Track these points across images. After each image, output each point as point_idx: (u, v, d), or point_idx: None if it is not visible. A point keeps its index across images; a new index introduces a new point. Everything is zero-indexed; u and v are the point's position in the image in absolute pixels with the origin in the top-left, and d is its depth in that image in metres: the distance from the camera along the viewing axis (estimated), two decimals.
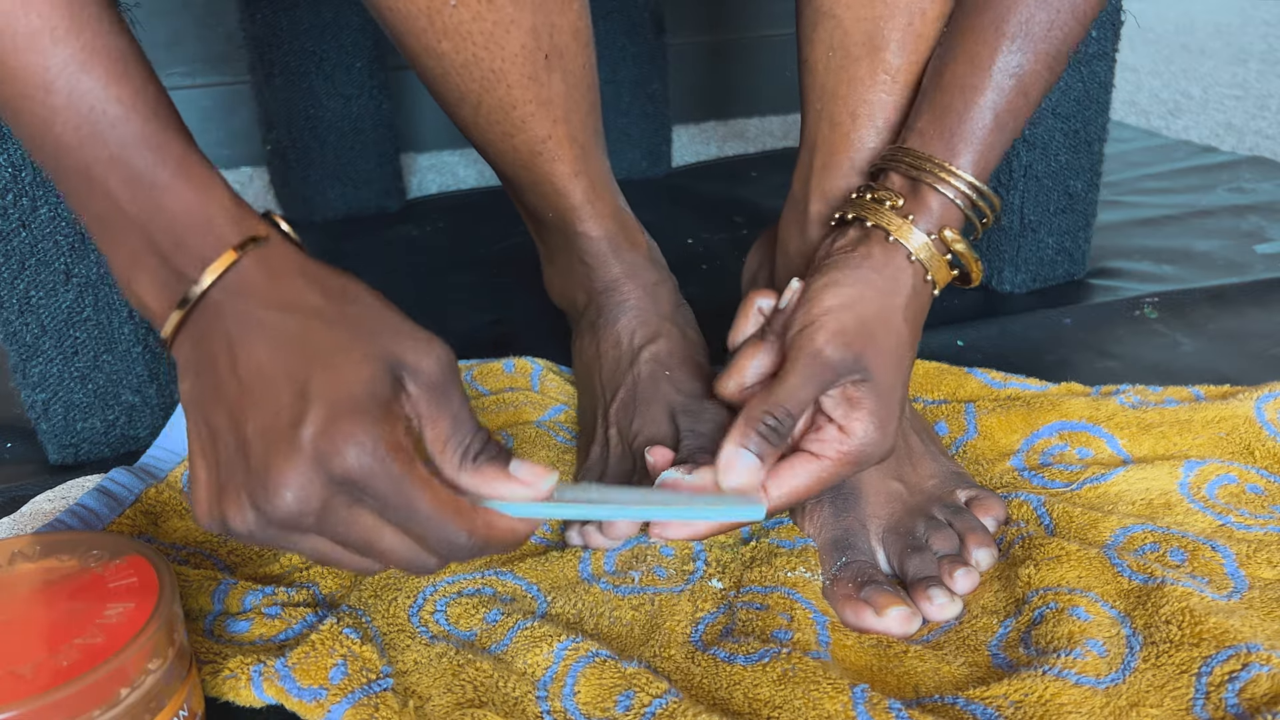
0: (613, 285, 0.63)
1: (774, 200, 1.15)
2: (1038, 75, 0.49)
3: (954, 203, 0.48)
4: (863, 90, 0.54)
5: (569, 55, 0.54)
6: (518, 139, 0.56)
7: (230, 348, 0.37)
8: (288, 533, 0.37)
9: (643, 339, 0.61)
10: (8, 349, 0.64)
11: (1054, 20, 0.48)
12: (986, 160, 0.49)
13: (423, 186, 1.27)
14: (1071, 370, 0.72)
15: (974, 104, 0.48)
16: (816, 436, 0.48)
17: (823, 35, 0.54)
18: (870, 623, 0.48)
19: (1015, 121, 0.49)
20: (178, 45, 1.28)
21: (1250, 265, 0.89)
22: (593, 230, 0.62)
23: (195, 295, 0.37)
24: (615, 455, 0.58)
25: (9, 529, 0.55)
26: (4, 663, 0.35)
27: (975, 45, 0.49)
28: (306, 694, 0.43)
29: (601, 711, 0.43)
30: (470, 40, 0.51)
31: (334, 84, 1.09)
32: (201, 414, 0.38)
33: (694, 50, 1.47)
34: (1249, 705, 0.41)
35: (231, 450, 0.37)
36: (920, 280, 0.49)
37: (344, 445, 0.35)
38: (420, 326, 0.39)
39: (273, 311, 0.37)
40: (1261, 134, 1.33)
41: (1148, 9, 2.22)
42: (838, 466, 0.48)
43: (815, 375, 0.47)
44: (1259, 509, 0.55)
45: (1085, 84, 0.81)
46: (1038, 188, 0.83)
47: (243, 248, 0.38)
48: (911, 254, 0.48)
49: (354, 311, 0.38)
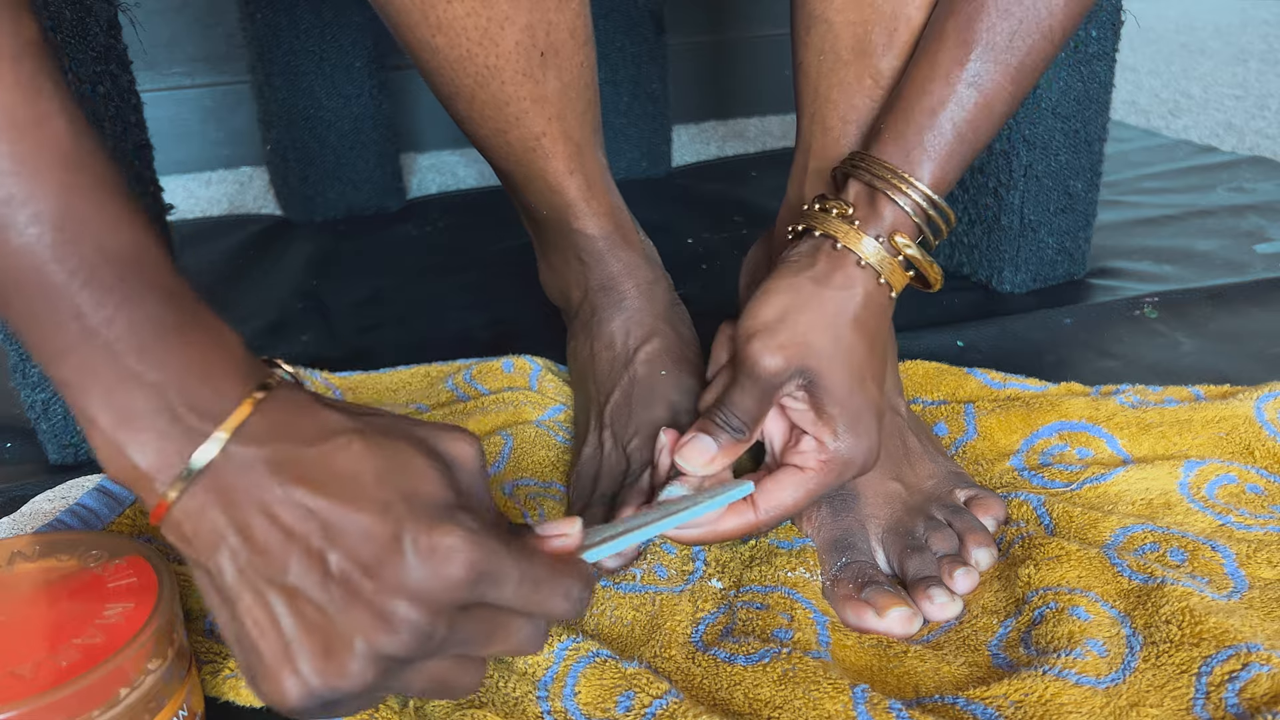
0: (608, 283, 0.63)
1: (774, 200, 1.15)
2: (1000, 88, 0.49)
3: (907, 213, 0.49)
4: (851, 95, 0.55)
5: (565, 53, 0.54)
6: (511, 135, 0.56)
7: (285, 494, 0.32)
8: (409, 665, 0.33)
9: (638, 339, 0.61)
10: (7, 349, 0.64)
11: (1016, 31, 0.48)
12: (944, 171, 0.49)
13: (423, 186, 1.27)
14: (1071, 370, 0.72)
15: (936, 114, 0.49)
16: (797, 449, 0.49)
17: (815, 39, 0.55)
18: (872, 623, 0.49)
19: (977, 134, 0.49)
20: (178, 45, 1.28)
21: (1250, 265, 0.89)
22: (588, 228, 0.62)
23: (214, 451, 0.31)
24: (609, 456, 0.58)
25: (9, 529, 0.55)
26: (4, 663, 0.35)
27: (938, 52, 0.49)
28: None
29: (602, 712, 0.43)
30: (464, 36, 0.52)
31: (334, 84, 1.09)
32: (265, 580, 0.32)
33: (694, 50, 1.47)
34: (1249, 705, 0.41)
35: (318, 600, 0.32)
36: (874, 284, 0.49)
37: (453, 544, 0.32)
38: None
39: (311, 447, 0.33)
40: (1261, 134, 1.33)
41: (1148, 9, 2.22)
42: (822, 476, 0.49)
43: (756, 384, 0.49)
44: (1259, 509, 0.55)
45: (1085, 84, 0.81)
46: (1038, 187, 0.83)
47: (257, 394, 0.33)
48: (861, 259, 0.49)
49: (383, 422, 0.35)
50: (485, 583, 0.33)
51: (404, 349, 0.81)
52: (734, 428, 0.49)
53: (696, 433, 0.49)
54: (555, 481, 0.61)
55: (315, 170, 1.13)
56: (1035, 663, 0.44)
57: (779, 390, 0.49)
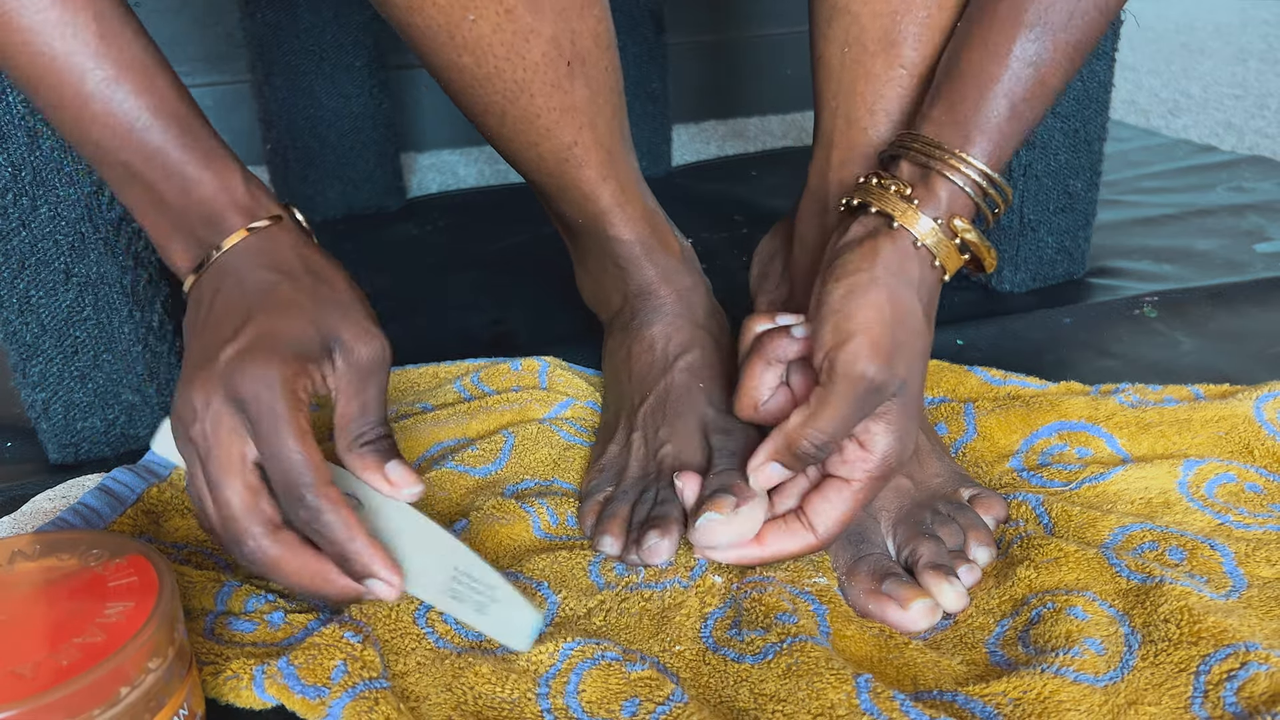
0: (647, 289, 0.63)
1: (774, 199, 1.15)
2: (1057, 64, 0.48)
3: (964, 190, 0.47)
4: (879, 85, 0.54)
5: (591, 61, 0.54)
6: (543, 147, 0.56)
7: (215, 290, 0.45)
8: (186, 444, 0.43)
9: (678, 348, 0.61)
10: (8, 348, 0.64)
11: (1074, 9, 0.47)
12: (1001, 149, 0.48)
13: (423, 186, 1.27)
14: (1071, 369, 0.72)
15: (989, 92, 0.47)
16: (841, 459, 0.48)
17: (838, 31, 0.54)
18: (895, 617, 0.48)
19: (1033, 112, 0.48)
20: (178, 45, 1.28)
21: (1250, 264, 0.89)
22: (624, 234, 0.61)
23: (212, 259, 0.45)
24: (636, 457, 0.58)
25: (9, 528, 0.56)
26: (4, 662, 0.35)
27: (992, 34, 0.48)
28: (310, 691, 0.43)
29: (606, 713, 0.43)
30: (491, 53, 0.51)
31: (334, 83, 1.09)
32: (186, 334, 0.46)
33: (694, 49, 1.47)
34: (1248, 704, 0.41)
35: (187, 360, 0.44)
36: (928, 267, 0.48)
37: (248, 368, 0.41)
38: (377, 323, 0.46)
39: (259, 270, 0.44)
40: (1261, 133, 1.33)
41: (1147, 8, 2.22)
42: (869, 486, 0.48)
43: (859, 399, 0.46)
44: (1258, 508, 0.55)
45: (1085, 83, 0.81)
46: (1037, 187, 0.83)
47: (252, 226, 0.45)
48: (918, 240, 0.47)
49: (323, 290, 0.45)
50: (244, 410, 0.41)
51: (404, 348, 0.80)
52: (824, 447, 0.47)
53: (770, 460, 0.49)
54: (557, 479, 0.61)
55: (315, 170, 1.13)
56: (1034, 661, 0.44)
57: (880, 403, 0.46)
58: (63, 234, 0.61)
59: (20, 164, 0.59)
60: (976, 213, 0.49)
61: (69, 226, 0.61)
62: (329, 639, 0.45)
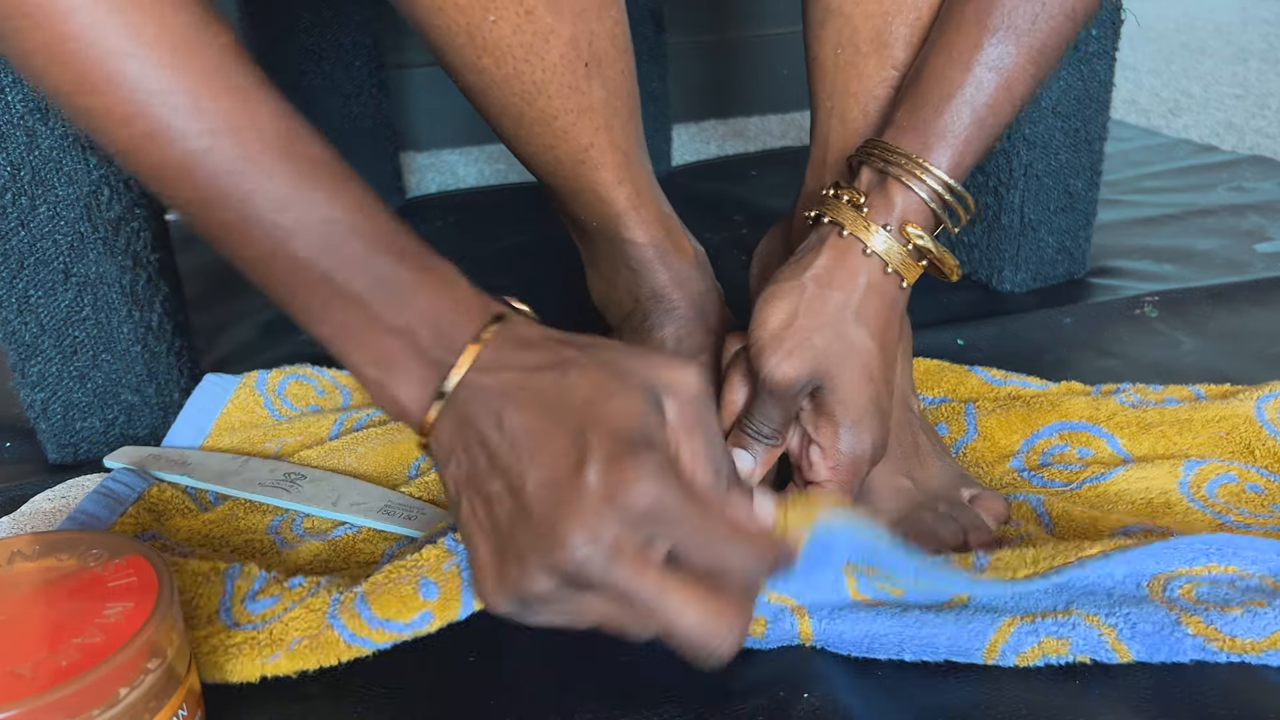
0: (659, 292, 0.62)
1: (774, 199, 1.15)
2: (1021, 70, 0.48)
3: (920, 197, 0.48)
4: (872, 86, 0.54)
5: (608, 62, 0.54)
6: (560, 149, 0.56)
7: (497, 417, 0.36)
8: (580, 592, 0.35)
9: (690, 351, 0.61)
10: (7, 348, 0.64)
11: (1039, 14, 0.47)
12: (963, 156, 0.48)
13: (422, 186, 1.27)
14: (1071, 369, 0.72)
15: (951, 98, 0.48)
16: (810, 466, 0.50)
17: (831, 33, 0.54)
18: None
19: (997, 119, 0.48)
20: None
21: (1250, 264, 0.89)
22: (638, 236, 0.61)
23: (455, 381, 0.37)
24: None
25: (8, 528, 0.55)
26: (4, 662, 0.35)
27: (955, 37, 0.48)
28: None
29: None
30: (510, 54, 0.51)
31: (333, 83, 1.09)
32: (475, 489, 0.37)
33: (694, 49, 1.47)
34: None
35: (513, 514, 0.35)
36: (879, 274, 0.49)
37: (633, 477, 0.33)
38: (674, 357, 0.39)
39: (531, 374, 0.37)
40: (1262, 133, 1.33)
41: (1148, 8, 2.22)
42: (842, 485, 0.49)
43: (776, 397, 0.49)
44: (1258, 508, 0.55)
45: (1085, 83, 0.81)
46: (1038, 186, 0.83)
47: (489, 327, 0.38)
48: (866, 248, 0.48)
49: (606, 355, 0.37)
50: (655, 521, 0.34)
51: None
52: (766, 436, 0.50)
53: (733, 447, 0.50)
54: None
55: None
56: None
57: (797, 399, 0.49)
58: (62, 233, 0.61)
59: (19, 163, 0.59)
60: (935, 220, 0.49)
61: (68, 226, 0.61)
62: None
